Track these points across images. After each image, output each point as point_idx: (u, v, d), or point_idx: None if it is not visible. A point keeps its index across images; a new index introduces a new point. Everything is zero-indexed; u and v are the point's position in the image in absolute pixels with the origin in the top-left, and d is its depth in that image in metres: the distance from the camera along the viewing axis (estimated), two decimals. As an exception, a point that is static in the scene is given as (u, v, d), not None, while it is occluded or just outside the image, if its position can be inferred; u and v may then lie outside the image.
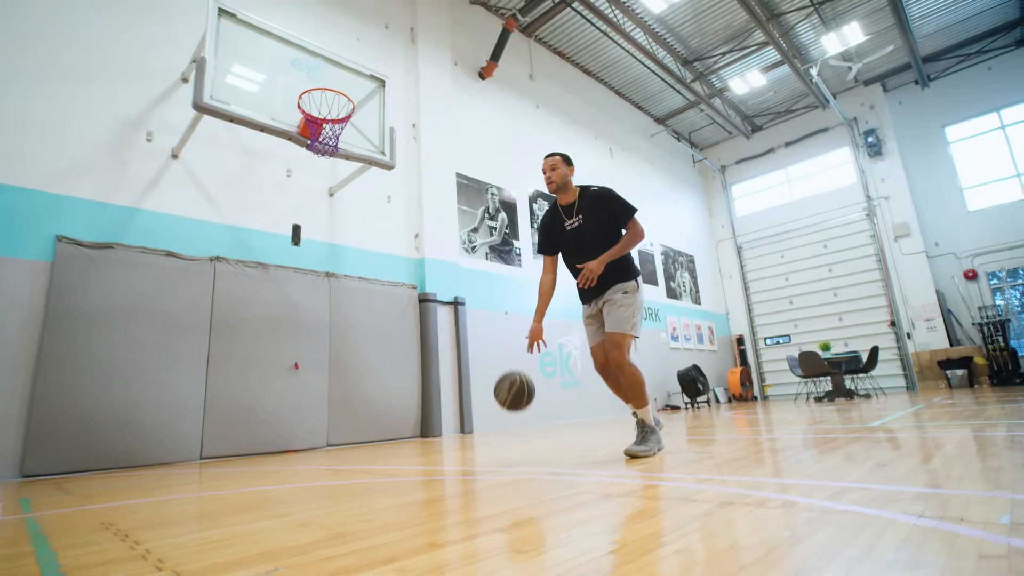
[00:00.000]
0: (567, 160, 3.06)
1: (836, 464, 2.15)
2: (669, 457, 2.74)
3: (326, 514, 1.74)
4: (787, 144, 13.85)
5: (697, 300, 13.13)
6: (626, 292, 2.84)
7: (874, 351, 9.13)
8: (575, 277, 2.95)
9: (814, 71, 10.73)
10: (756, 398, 13.25)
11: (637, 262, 3.32)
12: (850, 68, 11.21)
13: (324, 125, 4.69)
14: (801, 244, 13.23)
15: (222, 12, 4.59)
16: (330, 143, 4.74)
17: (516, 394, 2.73)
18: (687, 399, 10.58)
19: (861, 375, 9.69)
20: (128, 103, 5.05)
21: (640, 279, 2.95)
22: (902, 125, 12.54)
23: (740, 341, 13.76)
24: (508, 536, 1.29)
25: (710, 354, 12.82)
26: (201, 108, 4.31)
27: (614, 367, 2.83)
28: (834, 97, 12.52)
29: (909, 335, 11.47)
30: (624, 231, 2.92)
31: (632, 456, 2.71)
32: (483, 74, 8.70)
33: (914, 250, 11.67)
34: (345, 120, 4.72)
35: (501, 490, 2.03)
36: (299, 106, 4.63)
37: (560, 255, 3.13)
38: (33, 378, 4.10)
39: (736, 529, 1.24)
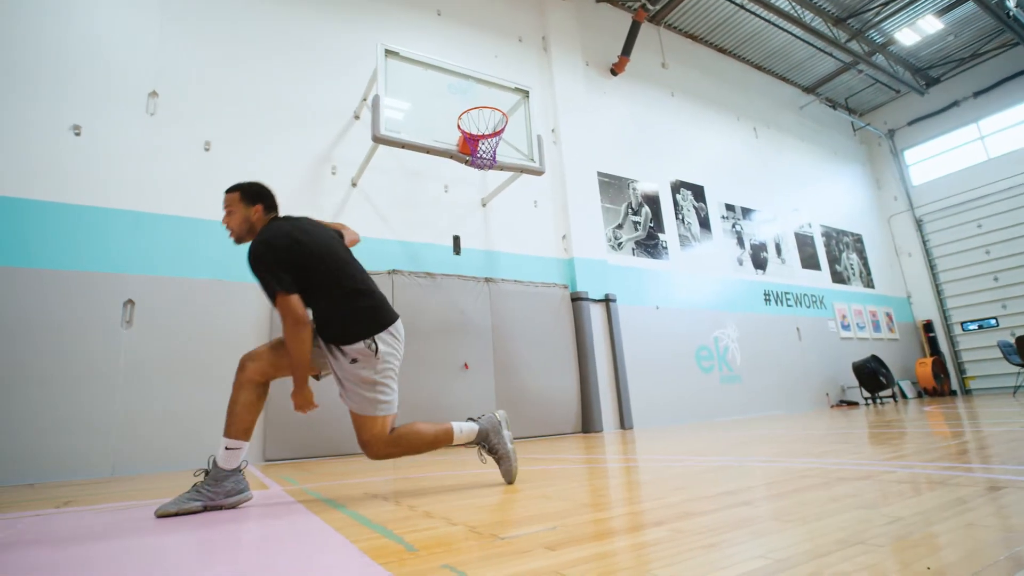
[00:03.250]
0: (249, 194, 2.17)
1: (1122, 454, 1.83)
2: (883, 447, 2.53)
3: (558, 490, 1.91)
4: (976, 94, 11.78)
5: (869, 283, 11.69)
6: (355, 361, 1.99)
7: (1125, 331, 7.40)
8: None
9: (1011, 2, 9.03)
10: (955, 392, 11.42)
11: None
12: (1062, -10, 9.26)
13: (480, 140, 5.04)
14: (1005, 209, 11.13)
15: (388, 53, 5.17)
16: (487, 156, 5.08)
17: None
18: (867, 394, 9.48)
19: (1107, 361, 7.91)
20: (317, 144, 5.88)
21: (378, 339, 2.01)
22: None
23: (928, 327, 11.96)
24: (759, 509, 1.32)
25: (891, 343, 11.33)
26: (379, 139, 4.89)
27: (370, 455, 2.04)
28: (1040, 29, 10.40)
29: None
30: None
31: (513, 479, 2.13)
32: (615, 70, 8.66)
33: None
34: (499, 133, 5.03)
35: (714, 474, 2.04)
36: (459, 126, 5.04)
37: None
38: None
39: (1028, 510, 1.15)
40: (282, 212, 2.30)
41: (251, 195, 2.17)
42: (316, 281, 2.00)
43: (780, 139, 11.30)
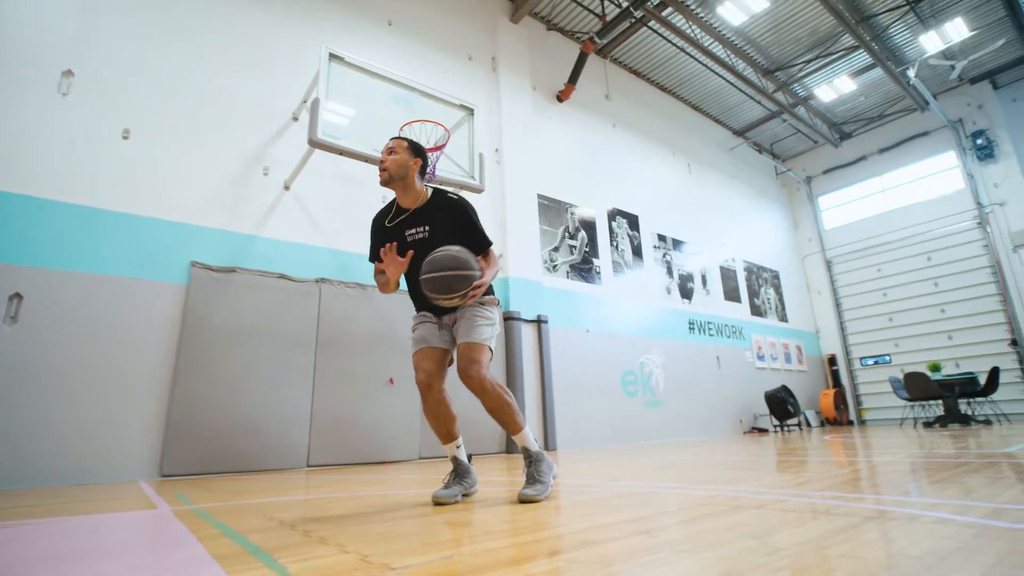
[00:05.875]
0: (415, 149, 2.37)
1: (981, 485, 2.02)
2: (783, 475, 2.67)
3: (464, 515, 1.86)
4: (881, 151, 13.03)
5: (784, 318, 12.51)
6: (483, 304, 2.32)
7: (994, 372, 8.31)
8: (413, 293, 2.40)
9: (911, 72, 10.09)
10: (852, 422, 12.33)
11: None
12: (953, 67, 10.44)
13: (421, 153, 4.99)
14: (901, 257, 12.30)
15: (332, 57, 5.05)
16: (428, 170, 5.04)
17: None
18: (776, 421, 10.05)
19: (979, 399, 8.81)
20: (249, 143, 5.62)
21: (499, 304, 2.45)
22: (1018, 124, 11.43)
23: (832, 361, 12.91)
24: (658, 538, 1.34)
25: (799, 375, 12.12)
26: (315, 144, 4.74)
27: (473, 387, 2.19)
28: (935, 98, 11.67)
29: (1036, 355, 10.31)
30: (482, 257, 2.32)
31: (528, 501, 2.10)
32: (561, 97, 8.90)
33: (1038, 261, 10.54)
34: (441, 148, 5.01)
35: (623, 500, 2.07)
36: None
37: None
38: (171, 387, 4.60)
39: (896, 540, 1.23)
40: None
41: (416, 151, 2.39)
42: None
43: (711, 176, 11.97)
